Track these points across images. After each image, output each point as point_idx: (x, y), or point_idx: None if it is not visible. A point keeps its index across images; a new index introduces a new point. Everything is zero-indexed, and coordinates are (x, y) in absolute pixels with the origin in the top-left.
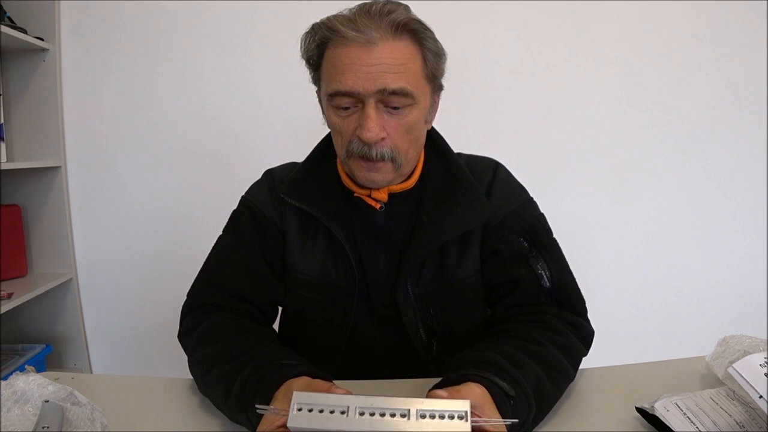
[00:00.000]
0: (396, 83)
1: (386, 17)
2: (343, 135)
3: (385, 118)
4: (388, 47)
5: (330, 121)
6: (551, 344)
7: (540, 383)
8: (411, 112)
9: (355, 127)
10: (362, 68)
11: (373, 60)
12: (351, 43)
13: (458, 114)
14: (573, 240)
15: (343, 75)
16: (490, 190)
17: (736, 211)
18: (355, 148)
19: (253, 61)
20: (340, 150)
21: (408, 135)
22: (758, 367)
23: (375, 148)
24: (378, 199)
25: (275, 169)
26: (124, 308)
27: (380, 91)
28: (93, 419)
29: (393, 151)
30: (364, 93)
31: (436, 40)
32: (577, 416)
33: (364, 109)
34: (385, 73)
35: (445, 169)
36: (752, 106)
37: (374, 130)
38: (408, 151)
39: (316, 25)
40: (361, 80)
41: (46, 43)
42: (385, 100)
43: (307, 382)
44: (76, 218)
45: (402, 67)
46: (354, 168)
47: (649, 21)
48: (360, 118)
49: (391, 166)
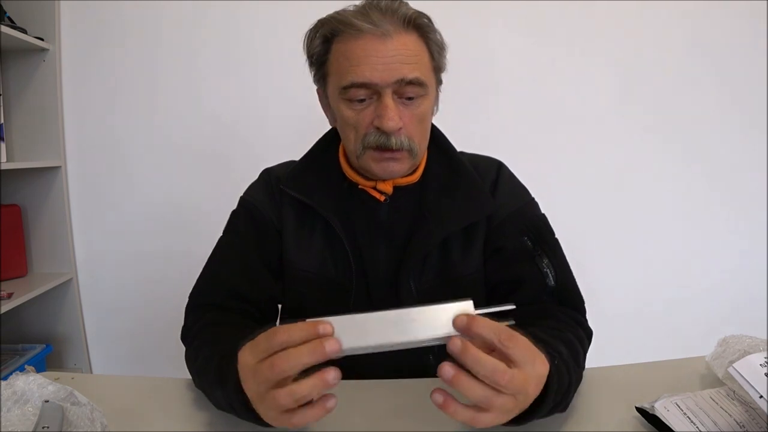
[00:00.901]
0: (412, 73)
1: (396, 12)
2: (358, 128)
3: (401, 109)
4: (402, 39)
5: (342, 116)
6: (567, 330)
7: (569, 361)
8: (423, 102)
9: (372, 119)
10: (379, 59)
11: (390, 51)
12: (366, 35)
13: (458, 114)
14: (573, 240)
15: (359, 66)
16: (494, 187)
17: (736, 210)
18: (373, 139)
19: (254, 61)
20: (353, 144)
21: (421, 125)
22: (758, 367)
23: (394, 137)
24: (383, 191)
25: (272, 167)
26: (124, 308)
27: (398, 82)
28: (93, 419)
29: (410, 141)
30: (382, 84)
31: (439, 32)
32: (577, 416)
33: (382, 99)
34: (401, 64)
35: (447, 165)
36: (752, 106)
37: (395, 119)
38: (421, 142)
39: (323, 20)
40: (379, 71)
41: (46, 43)
42: (400, 91)
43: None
44: (76, 218)
45: (416, 57)
46: (370, 161)
47: (650, 21)
48: (377, 109)
49: (408, 155)
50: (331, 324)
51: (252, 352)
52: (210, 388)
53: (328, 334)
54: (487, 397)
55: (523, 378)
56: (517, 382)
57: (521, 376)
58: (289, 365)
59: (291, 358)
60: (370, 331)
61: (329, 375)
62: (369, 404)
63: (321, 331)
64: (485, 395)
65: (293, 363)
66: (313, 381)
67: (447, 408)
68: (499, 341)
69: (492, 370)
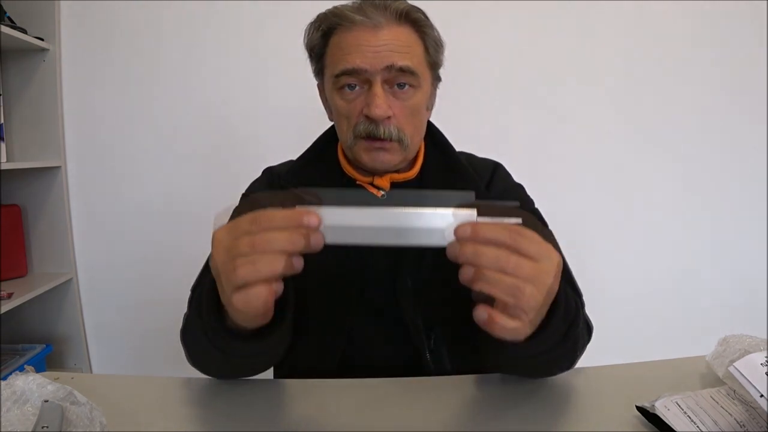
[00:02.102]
0: (403, 60)
1: (390, 6)
2: (349, 118)
3: (391, 99)
4: (393, 31)
5: (335, 106)
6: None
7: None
8: (415, 94)
9: (362, 108)
10: (369, 48)
11: (380, 41)
12: (358, 26)
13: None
14: (573, 239)
15: (350, 55)
16: (489, 185)
17: (736, 209)
18: (362, 128)
19: (254, 59)
20: (345, 135)
21: (412, 118)
22: (759, 366)
23: (382, 125)
24: (380, 187)
25: (274, 166)
26: (124, 308)
27: (387, 68)
28: (92, 419)
29: (400, 131)
30: (372, 70)
31: (435, 29)
32: (577, 416)
33: (371, 88)
34: (392, 52)
35: (444, 162)
36: (752, 106)
37: (382, 107)
38: (413, 135)
39: (322, 15)
40: (369, 58)
41: (46, 43)
42: (391, 79)
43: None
44: (76, 218)
45: (407, 48)
46: (361, 151)
47: (650, 21)
48: (367, 98)
49: (398, 146)
50: (318, 216)
51: (230, 231)
52: (191, 321)
53: (313, 225)
54: (515, 285)
55: (541, 270)
56: (528, 269)
57: (538, 267)
58: (269, 246)
59: (271, 240)
60: (362, 229)
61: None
62: (369, 404)
63: (306, 222)
64: (512, 283)
65: (272, 245)
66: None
67: (492, 320)
68: (511, 239)
69: (495, 258)
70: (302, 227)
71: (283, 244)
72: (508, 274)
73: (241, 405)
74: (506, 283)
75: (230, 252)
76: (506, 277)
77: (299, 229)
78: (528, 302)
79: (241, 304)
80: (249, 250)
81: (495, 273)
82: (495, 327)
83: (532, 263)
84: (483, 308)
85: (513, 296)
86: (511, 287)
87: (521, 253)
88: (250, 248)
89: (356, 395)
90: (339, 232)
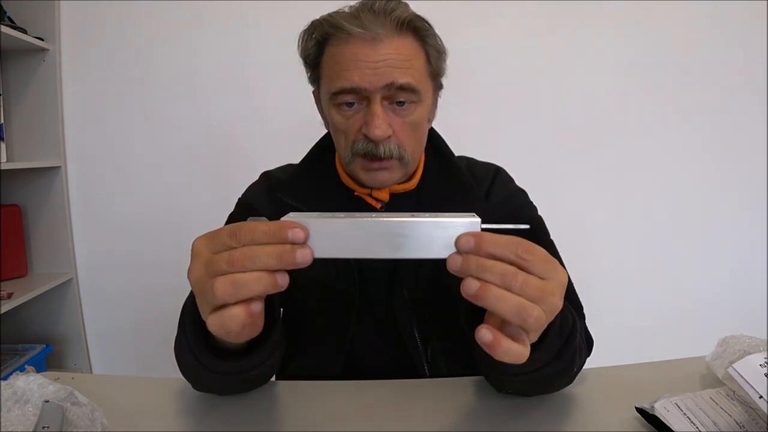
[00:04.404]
0: (403, 78)
1: (390, 14)
2: (347, 135)
3: (391, 116)
4: (394, 44)
5: (332, 121)
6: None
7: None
8: (416, 109)
9: (360, 126)
10: (368, 64)
11: (379, 56)
12: (355, 39)
13: (458, 114)
14: (573, 240)
15: (347, 71)
16: (489, 192)
17: (736, 210)
18: (361, 146)
19: (253, 61)
20: (343, 151)
21: (413, 133)
22: (758, 367)
23: (382, 145)
24: (379, 199)
25: (272, 170)
26: (124, 308)
27: (387, 86)
28: (93, 419)
29: (400, 149)
30: (371, 89)
31: (438, 37)
32: (577, 416)
33: (370, 106)
34: (391, 68)
35: (444, 171)
36: (752, 106)
37: (382, 128)
38: (414, 150)
39: (316, 22)
40: (368, 76)
41: (46, 43)
42: (391, 97)
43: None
44: (76, 218)
45: (408, 62)
46: (359, 170)
47: (651, 20)
48: (366, 116)
49: (398, 164)
50: (305, 229)
51: (208, 244)
52: (177, 339)
53: (299, 241)
54: (522, 306)
55: (548, 290)
56: (535, 288)
57: (545, 286)
58: (250, 262)
59: (253, 255)
60: (353, 242)
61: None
62: (368, 404)
63: (291, 237)
64: (520, 303)
65: (255, 262)
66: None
67: (497, 343)
68: (517, 255)
69: (501, 273)
70: (286, 242)
71: (266, 261)
72: (515, 292)
73: (241, 405)
74: (513, 302)
75: (208, 268)
76: (513, 296)
77: (283, 244)
78: (533, 325)
79: (215, 327)
80: (228, 267)
81: (501, 290)
82: (498, 350)
83: (540, 282)
84: (487, 329)
85: (519, 317)
86: (517, 307)
87: (529, 271)
88: (229, 265)
89: (356, 396)
90: (329, 245)
